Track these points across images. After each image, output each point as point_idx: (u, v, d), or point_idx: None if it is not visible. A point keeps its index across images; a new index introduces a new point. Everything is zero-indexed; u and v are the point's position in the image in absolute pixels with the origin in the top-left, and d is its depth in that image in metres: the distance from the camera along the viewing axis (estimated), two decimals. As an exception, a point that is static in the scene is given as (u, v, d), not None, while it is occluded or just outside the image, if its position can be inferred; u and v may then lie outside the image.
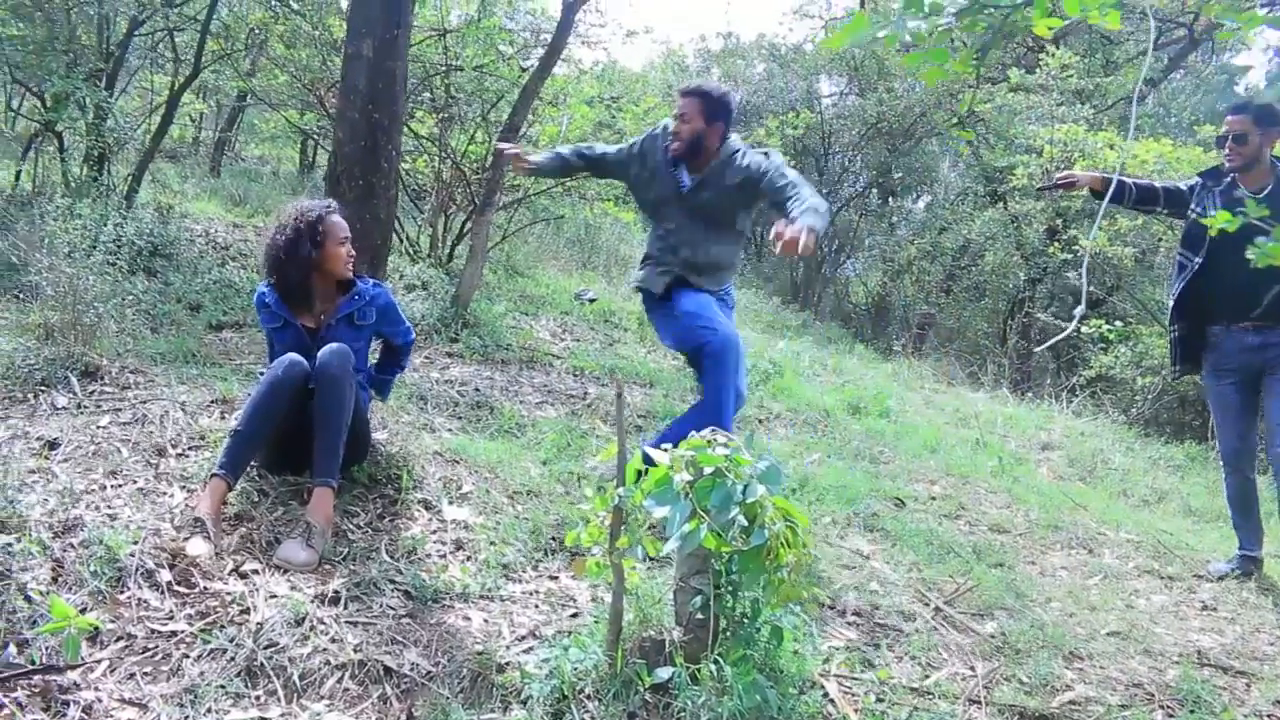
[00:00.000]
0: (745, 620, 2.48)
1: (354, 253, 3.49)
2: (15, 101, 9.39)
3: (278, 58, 7.70)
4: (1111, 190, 4.50)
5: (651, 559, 2.73)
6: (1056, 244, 9.32)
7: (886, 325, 13.88)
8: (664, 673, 2.38)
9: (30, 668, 2.28)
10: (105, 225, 4.57)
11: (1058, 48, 11.16)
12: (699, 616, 2.44)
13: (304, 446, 3.34)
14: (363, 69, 3.97)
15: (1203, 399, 8.06)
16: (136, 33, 6.84)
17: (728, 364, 3.77)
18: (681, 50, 17.75)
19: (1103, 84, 11.24)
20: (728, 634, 2.47)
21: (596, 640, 2.53)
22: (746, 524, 2.31)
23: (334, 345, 3.24)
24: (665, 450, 2.40)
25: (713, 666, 2.36)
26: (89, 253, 4.38)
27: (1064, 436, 7.25)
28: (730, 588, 2.46)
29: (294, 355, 3.23)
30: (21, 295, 4.61)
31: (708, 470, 2.37)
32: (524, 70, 7.37)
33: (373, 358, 3.92)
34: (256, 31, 7.42)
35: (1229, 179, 4.27)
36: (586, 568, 2.48)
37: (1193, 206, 4.38)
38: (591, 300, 8.12)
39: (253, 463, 3.35)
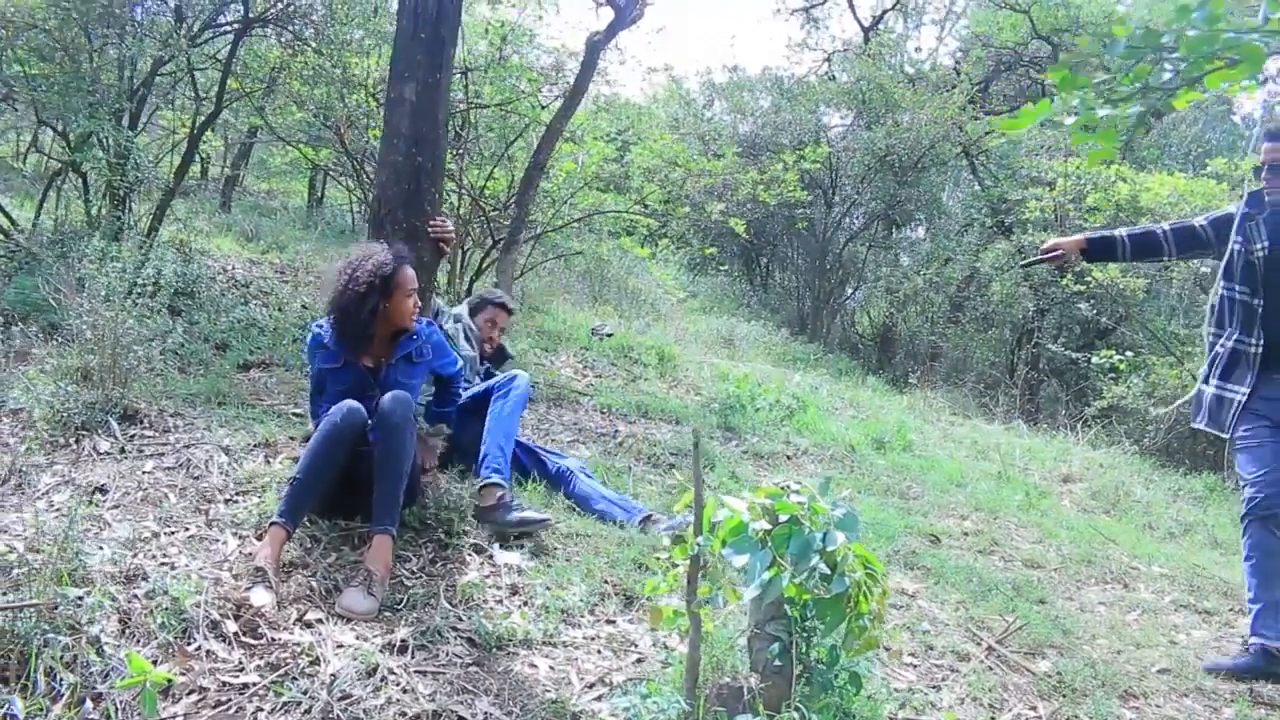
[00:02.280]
0: (822, 666, 2.47)
1: (420, 303, 3.52)
2: (33, 139, 9.42)
3: (297, 95, 7.73)
4: (1093, 249, 4.20)
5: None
6: (1070, 276, 9.37)
7: (892, 356, 13.92)
8: (744, 721, 2.36)
9: (110, 724, 2.27)
10: (143, 267, 4.56)
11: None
12: (776, 663, 2.43)
13: (355, 491, 3.34)
14: (406, 113, 3.99)
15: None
16: (159, 72, 6.86)
17: None
18: (686, 82, 17.86)
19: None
20: (804, 680, 2.46)
21: (673, 687, 2.52)
22: (828, 572, 2.30)
23: (396, 393, 3.25)
24: (743, 499, 2.41)
25: (794, 714, 2.35)
26: (126, 295, 4.38)
27: (1084, 469, 7.26)
28: (805, 634, 2.45)
29: (352, 402, 3.23)
30: (54, 337, 4.59)
31: (783, 518, 2.38)
32: (543, 107, 7.43)
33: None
34: (277, 70, 7.45)
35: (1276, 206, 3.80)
36: (663, 617, 2.47)
37: (1235, 238, 3.89)
38: (609, 335, 8.13)
39: (303, 508, 3.34)
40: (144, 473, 3.65)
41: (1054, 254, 4.23)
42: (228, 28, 7.33)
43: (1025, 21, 13.15)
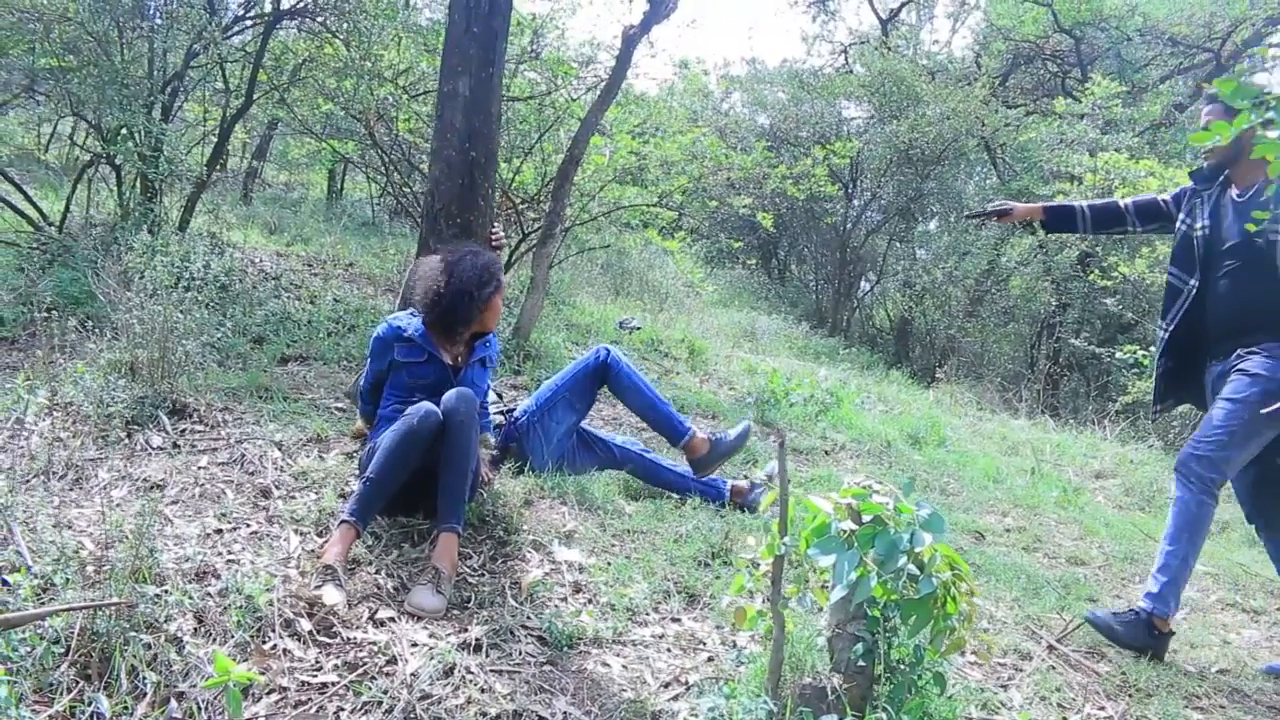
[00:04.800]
0: (904, 667, 2.45)
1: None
2: (53, 130, 9.39)
3: (324, 86, 7.69)
4: (1052, 219, 4.11)
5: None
6: (1097, 271, 9.31)
7: (910, 350, 13.88)
8: (830, 722, 2.35)
9: (198, 723, 2.26)
10: (189, 260, 4.54)
11: (1085, 76, 11.21)
12: (860, 663, 2.41)
13: (418, 488, 3.33)
14: (459, 107, 3.96)
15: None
16: (191, 65, 6.84)
17: None
18: (704, 74, 17.74)
19: (1135, 111, 11.26)
20: (886, 681, 2.45)
21: (755, 686, 2.50)
22: (916, 573, 2.29)
23: (460, 390, 3.25)
24: (828, 498, 2.39)
25: (882, 715, 2.34)
26: (173, 288, 4.36)
27: (1115, 465, 7.24)
28: (888, 634, 2.44)
29: (429, 405, 3.22)
30: (99, 330, 4.57)
31: (867, 518, 2.36)
32: (572, 100, 7.40)
33: None
34: (306, 63, 7.41)
35: (1220, 180, 3.67)
36: (747, 618, 2.45)
37: (1181, 216, 3.75)
38: (636, 329, 8.11)
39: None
40: (199, 468, 3.64)
41: (1003, 210, 4.18)
42: (258, 20, 7.31)
43: (1047, 14, 13.09)
